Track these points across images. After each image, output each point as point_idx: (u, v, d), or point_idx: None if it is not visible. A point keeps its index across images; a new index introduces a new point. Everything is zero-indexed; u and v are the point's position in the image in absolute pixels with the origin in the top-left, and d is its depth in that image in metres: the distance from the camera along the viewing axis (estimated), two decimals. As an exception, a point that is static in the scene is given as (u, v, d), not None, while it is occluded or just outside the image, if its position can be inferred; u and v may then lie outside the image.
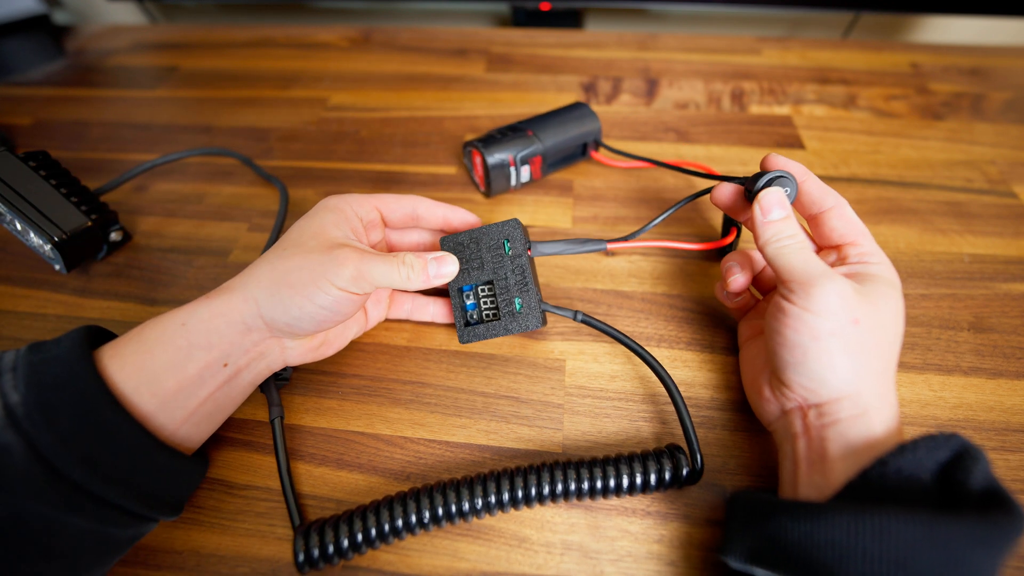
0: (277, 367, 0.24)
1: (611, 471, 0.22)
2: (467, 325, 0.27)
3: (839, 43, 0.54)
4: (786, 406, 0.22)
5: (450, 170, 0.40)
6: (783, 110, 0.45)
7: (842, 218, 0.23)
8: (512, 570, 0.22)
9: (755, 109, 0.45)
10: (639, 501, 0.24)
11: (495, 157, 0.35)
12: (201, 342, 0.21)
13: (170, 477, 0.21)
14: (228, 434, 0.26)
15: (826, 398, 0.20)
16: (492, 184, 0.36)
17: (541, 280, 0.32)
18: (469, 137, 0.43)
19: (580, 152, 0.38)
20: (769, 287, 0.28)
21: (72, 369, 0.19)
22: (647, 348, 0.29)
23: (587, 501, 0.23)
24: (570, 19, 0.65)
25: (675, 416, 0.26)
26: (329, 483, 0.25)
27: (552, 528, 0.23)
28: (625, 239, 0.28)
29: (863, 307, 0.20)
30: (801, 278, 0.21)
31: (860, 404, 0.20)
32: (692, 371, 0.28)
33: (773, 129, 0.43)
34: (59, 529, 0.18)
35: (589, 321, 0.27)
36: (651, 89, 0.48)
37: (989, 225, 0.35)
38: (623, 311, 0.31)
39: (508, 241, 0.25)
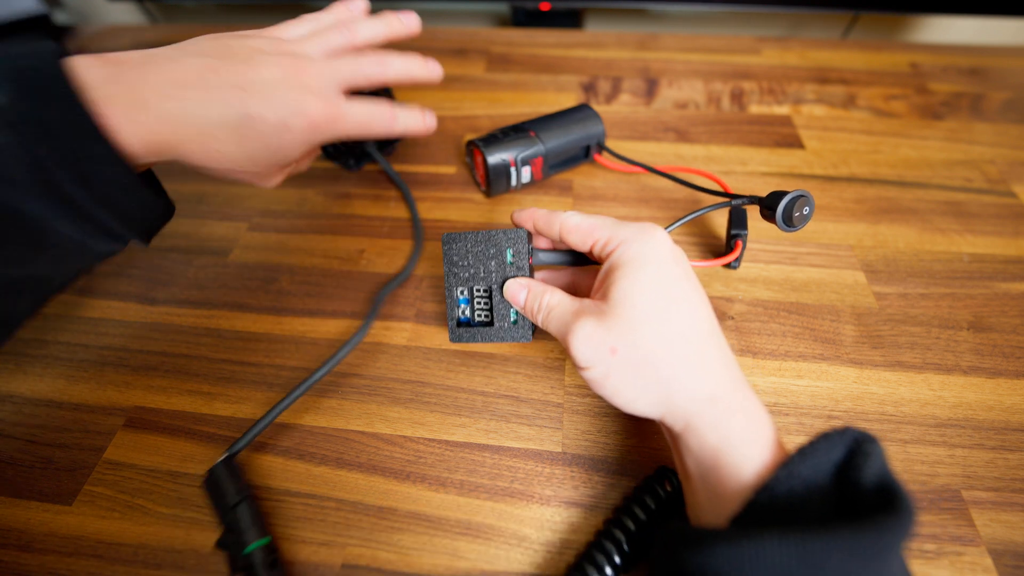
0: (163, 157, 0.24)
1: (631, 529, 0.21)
2: (459, 324, 0.26)
3: (838, 43, 0.54)
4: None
5: (450, 170, 0.40)
6: (783, 110, 0.45)
7: (571, 230, 0.23)
8: (512, 569, 0.22)
9: (755, 109, 0.45)
10: (639, 500, 0.24)
11: (496, 157, 0.35)
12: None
13: (144, 208, 0.22)
14: (229, 434, 0.26)
15: (652, 417, 0.20)
16: (492, 184, 0.36)
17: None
18: (470, 136, 0.43)
19: (583, 154, 0.38)
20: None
21: (60, 90, 0.18)
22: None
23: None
24: (570, 19, 0.65)
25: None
26: (329, 482, 0.25)
27: (552, 527, 0.23)
28: None
29: (611, 331, 0.19)
30: (562, 340, 0.21)
31: (678, 419, 0.19)
32: (692, 370, 0.28)
33: (772, 129, 0.43)
34: (48, 229, 0.19)
35: None
36: (651, 89, 0.48)
37: (988, 225, 0.35)
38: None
39: (512, 251, 0.25)
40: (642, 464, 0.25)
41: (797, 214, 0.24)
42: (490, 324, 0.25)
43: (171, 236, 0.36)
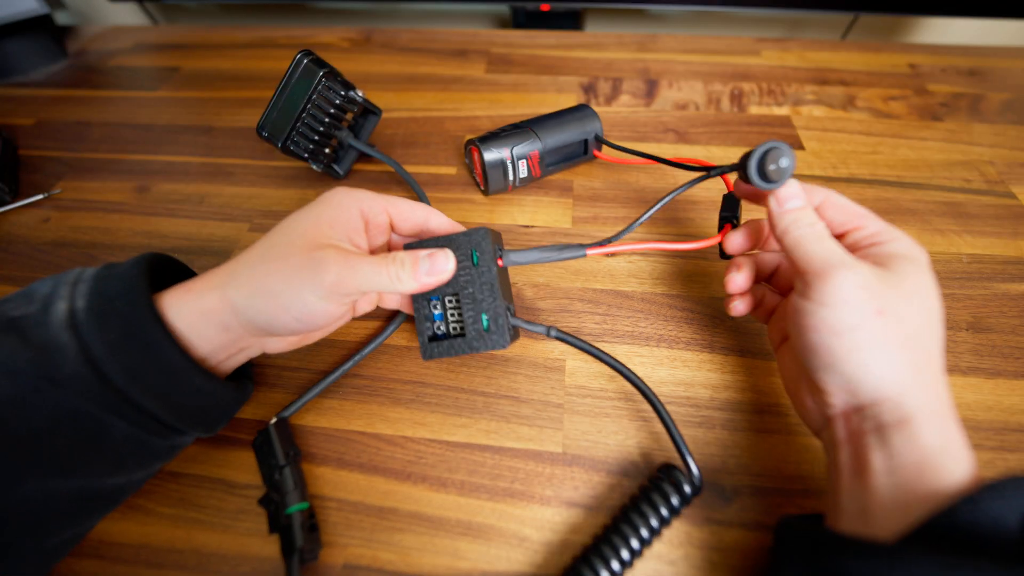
0: (256, 355, 0.25)
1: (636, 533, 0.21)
2: (432, 339, 0.25)
3: (838, 44, 0.54)
4: (828, 412, 0.20)
5: (450, 170, 0.40)
6: (782, 111, 0.45)
7: (835, 206, 0.22)
8: (513, 569, 0.22)
9: (754, 110, 0.45)
10: (639, 500, 0.24)
11: (492, 152, 0.35)
12: (185, 337, 0.21)
13: (205, 397, 0.22)
14: (229, 434, 0.26)
15: (865, 401, 0.19)
16: (489, 180, 0.36)
17: (539, 280, 0.32)
18: (469, 137, 0.43)
19: (582, 151, 0.38)
20: (787, 287, 0.26)
21: (128, 284, 0.20)
22: (647, 348, 0.29)
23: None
24: (570, 20, 0.65)
25: (675, 416, 0.26)
26: (329, 482, 0.25)
27: (553, 528, 0.23)
28: (606, 242, 0.26)
29: (887, 295, 0.18)
30: (817, 268, 0.19)
31: (903, 408, 0.18)
32: (691, 371, 0.28)
33: (772, 130, 0.43)
34: (106, 428, 0.19)
35: (563, 337, 0.25)
36: (651, 90, 0.48)
37: (987, 225, 0.35)
38: (623, 311, 0.31)
39: (476, 251, 0.23)
40: (642, 465, 0.25)
41: (772, 167, 0.22)
42: (462, 335, 0.24)
43: (172, 237, 0.36)
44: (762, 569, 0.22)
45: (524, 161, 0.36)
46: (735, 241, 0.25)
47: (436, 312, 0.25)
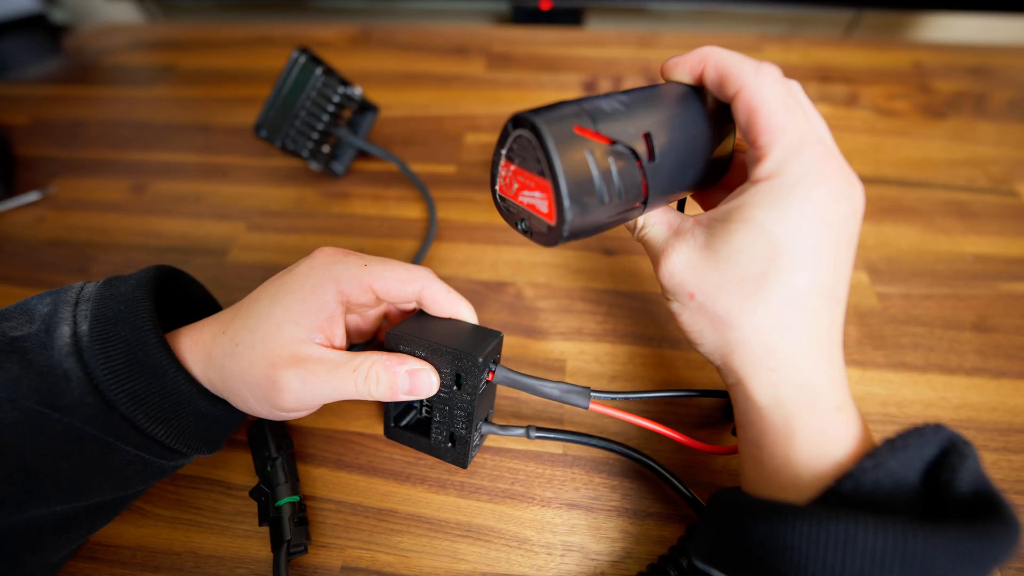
0: None
1: None
2: (396, 421, 0.24)
3: (841, 41, 0.53)
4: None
5: (449, 169, 0.40)
6: (784, 109, 0.45)
7: (743, 101, 0.17)
8: (512, 571, 0.22)
9: (756, 108, 0.45)
10: (639, 502, 0.24)
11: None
12: (189, 362, 0.21)
13: (209, 422, 0.21)
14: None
15: (717, 364, 0.19)
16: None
17: (540, 280, 0.32)
18: (470, 137, 0.43)
19: None
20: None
21: (132, 307, 0.20)
22: (648, 348, 0.29)
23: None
24: (571, 17, 0.65)
25: (675, 418, 0.26)
26: (328, 483, 0.25)
27: (552, 529, 0.23)
28: (614, 396, 0.24)
29: (702, 273, 0.18)
30: (657, 245, 0.19)
31: (733, 373, 0.18)
32: (694, 371, 0.28)
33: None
34: (111, 453, 0.19)
35: (544, 436, 0.23)
36: (652, 87, 0.47)
37: (992, 224, 0.35)
38: (624, 311, 0.30)
39: (463, 376, 0.21)
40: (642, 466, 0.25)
41: None
42: (427, 436, 0.23)
43: (169, 236, 0.36)
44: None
45: None
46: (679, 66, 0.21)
47: None
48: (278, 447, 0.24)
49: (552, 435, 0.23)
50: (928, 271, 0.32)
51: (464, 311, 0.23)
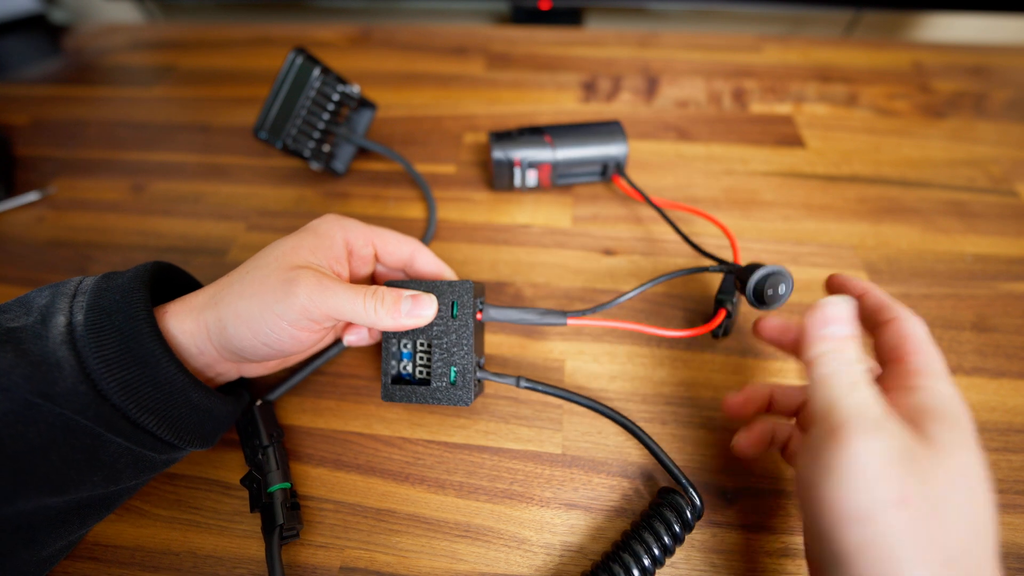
0: (232, 379, 0.24)
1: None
2: (394, 381, 0.24)
3: (841, 41, 0.53)
4: None
5: (449, 169, 0.40)
6: (784, 108, 0.45)
7: (899, 333, 0.18)
8: (511, 571, 0.22)
9: (756, 107, 0.45)
10: (637, 503, 0.24)
11: (500, 153, 0.34)
12: (184, 352, 0.21)
13: (202, 414, 0.21)
14: (224, 435, 0.26)
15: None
16: (495, 179, 0.36)
17: (539, 280, 0.32)
18: (469, 137, 0.43)
19: (599, 172, 0.36)
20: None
21: (127, 298, 0.20)
22: (647, 348, 0.29)
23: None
24: (570, 17, 0.65)
25: (675, 417, 0.26)
26: (327, 484, 0.25)
27: (552, 530, 0.23)
28: (588, 312, 0.25)
29: (916, 477, 0.14)
30: (835, 423, 0.15)
31: None
32: (692, 371, 0.28)
33: (774, 128, 0.43)
34: (103, 444, 0.19)
35: (533, 387, 0.24)
36: (651, 87, 0.47)
37: (992, 224, 0.35)
38: (623, 311, 0.30)
39: (457, 303, 0.23)
40: (642, 466, 0.25)
41: (770, 292, 0.21)
42: (427, 383, 0.23)
43: (168, 236, 0.36)
44: None
45: (534, 171, 0.35)
46: (735, 401, 0.22)
47: (405, 351, 0.24)
48: (269, 435, 0.24)
49: (540, 387, 0.24)
50: (928, 271, 0.32)
51: (447, 274, 0.26)
